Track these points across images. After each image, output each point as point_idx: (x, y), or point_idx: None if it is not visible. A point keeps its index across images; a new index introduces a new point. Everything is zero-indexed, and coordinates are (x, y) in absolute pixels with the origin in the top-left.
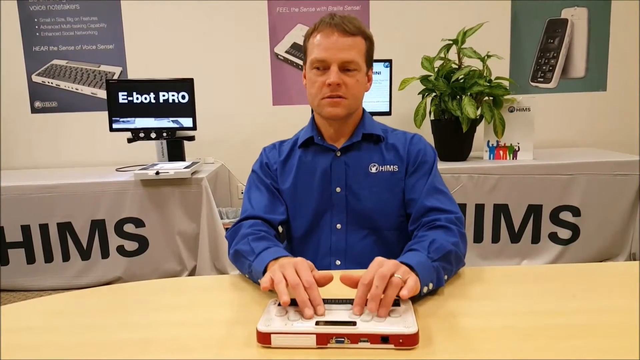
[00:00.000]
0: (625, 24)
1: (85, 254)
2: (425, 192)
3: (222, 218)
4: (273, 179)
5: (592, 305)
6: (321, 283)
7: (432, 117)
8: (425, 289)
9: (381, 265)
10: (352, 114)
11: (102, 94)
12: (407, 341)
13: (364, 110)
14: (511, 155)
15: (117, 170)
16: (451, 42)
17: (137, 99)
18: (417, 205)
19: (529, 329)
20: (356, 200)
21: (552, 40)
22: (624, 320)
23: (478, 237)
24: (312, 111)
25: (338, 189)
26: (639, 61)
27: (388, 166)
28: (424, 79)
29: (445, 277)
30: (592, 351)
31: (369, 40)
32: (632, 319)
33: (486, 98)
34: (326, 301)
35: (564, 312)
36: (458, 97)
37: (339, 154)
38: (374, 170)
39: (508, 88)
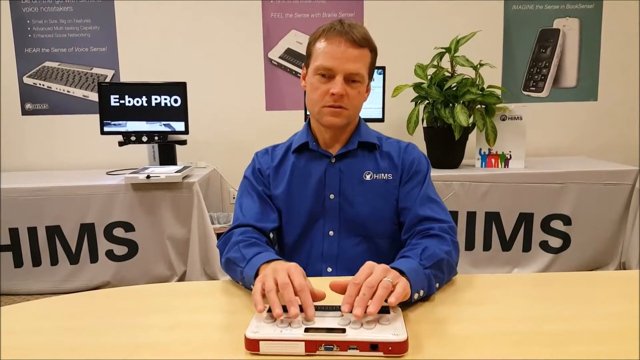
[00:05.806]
0: (616, 35)
1: (73, 258)
2: (418, 201)
3: (213, 223)
4: (265, 185)
5: (582, 312)
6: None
7: (425, 125)
8: (416, 295)
9: (371, 269)
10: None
11: (93, 96)
12: (397, 349)
13: (359, 118)
14: (503, 163)
15: (107, 173)
16: (444, 50)
17: (129, 102)
18: (410, 214)
19: (519, 335)
20: (350, 207)
21: (544, 50)
22: (613, 327)
23: (469, 245)
24: (306, 116)
25: (332, 196)
26: (629, 71)
27: (382, 174)
28: (417, 87)
29: (437, 285)
30: (582, 357)
31: (374, 53)
32: (622, 325)
33: (478, 106)
34: (316, 307)
35: (554, 318)
36: (450, 104)
37: (333, 160)
38: (368, 177)
39: (500, 96)
